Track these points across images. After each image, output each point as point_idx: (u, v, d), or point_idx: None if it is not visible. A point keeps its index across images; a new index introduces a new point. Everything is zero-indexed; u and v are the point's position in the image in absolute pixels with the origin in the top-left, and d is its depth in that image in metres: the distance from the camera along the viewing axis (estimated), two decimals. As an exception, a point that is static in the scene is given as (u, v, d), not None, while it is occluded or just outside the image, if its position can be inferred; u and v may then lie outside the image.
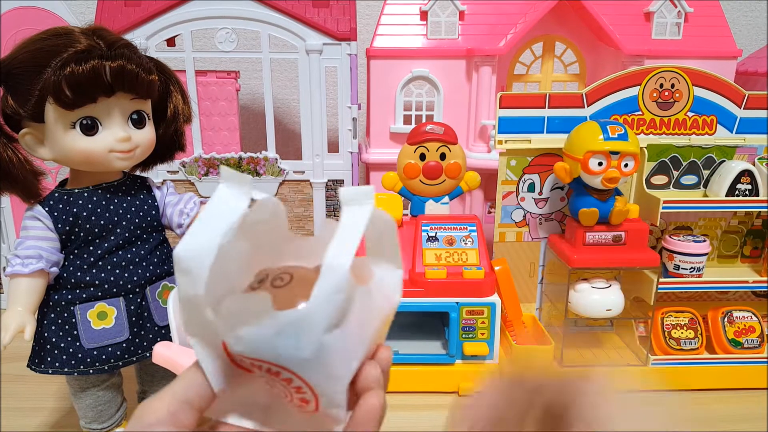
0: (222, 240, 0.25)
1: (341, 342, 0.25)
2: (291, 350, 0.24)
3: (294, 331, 0.24)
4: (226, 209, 0.25)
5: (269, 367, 0.25)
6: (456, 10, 0.96)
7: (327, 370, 0.25)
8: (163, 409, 0.27)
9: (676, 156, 0.80)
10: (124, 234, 0.58)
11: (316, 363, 0.25)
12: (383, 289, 0.29)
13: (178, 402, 0.27)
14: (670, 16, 0.98)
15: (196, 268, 0.24)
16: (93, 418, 0.61)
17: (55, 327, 0.57)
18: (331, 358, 0.25)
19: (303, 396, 0.26)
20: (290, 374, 0.25)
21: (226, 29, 0.91)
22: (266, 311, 0.23)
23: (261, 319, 0.24)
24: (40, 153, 0.56)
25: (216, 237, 0.25)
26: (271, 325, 0.24)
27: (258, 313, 0.24)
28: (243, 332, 0.24)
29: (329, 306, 0.24)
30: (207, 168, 0.95)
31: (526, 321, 0.81)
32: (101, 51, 0.52)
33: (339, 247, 0.25)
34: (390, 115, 1.00)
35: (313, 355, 0.24)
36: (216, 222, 0.25)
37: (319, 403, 0.26)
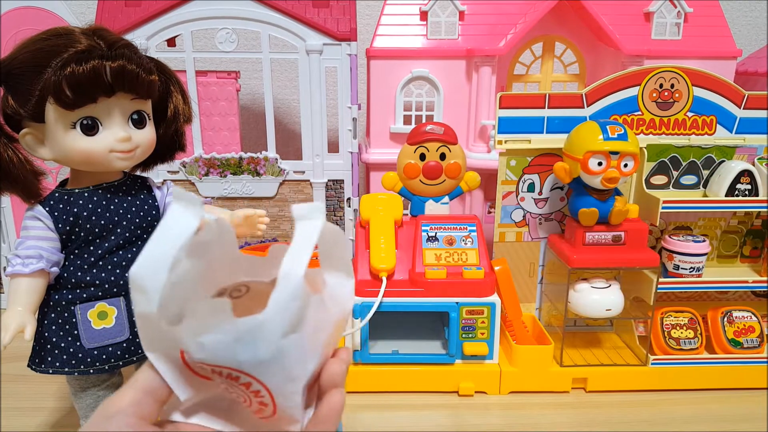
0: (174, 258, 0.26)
1: (298, 346, 0.26)
2: (250, 355, 0.25)
3: (252, 337, 0.25)
4: (177, 229, 0.27)
5: (229, 373, 0.26)
6: (456, 11, 0.97)
7: (284, 372, 0.26)
8: (124, 400, 0.28)
9: (676, 156, 0.80)
10: (124, 234, 0.58)
11: (274, 366, 0.26)
12: (336, 297, 0.30)
13: (140, 392, 0.28)
14: (669, 16, 0.98)
15: (151, 285, 0.26)
16: (93, 417, 0.61)
17: (55, 327, 0.57)
18: (288, 361, 0.26)
19: (261, 400, 0.27)
20: (249, 378, 0.26)
21: (226, 29, 0.91)
22: (226, 318, 0.25)
23: (221, 327, 0.25)
24: (40, 153, 0.56)
25: (169, 255, 0.26)
26: (231, 331, 0.25)
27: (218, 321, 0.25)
28: (204, 339, 0.25)
29: (286, 312, 0.25)
30: (207, 168, 0.95)
31: (526, 321, 0.81)
32: (102, 51, 0.52)
33: (293, 258, 0.26)
34: (390, 115, 1.00)
35: (271, 359, 0.26)
36: (168, 241, 0.26)
37: (276, 406, 0.27)
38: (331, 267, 0.31)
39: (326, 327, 0.29)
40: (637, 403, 0.74)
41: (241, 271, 0.31)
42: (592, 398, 0.75)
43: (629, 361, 0.78)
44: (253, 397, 0.27)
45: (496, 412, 0.73)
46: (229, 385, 0.28)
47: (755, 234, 0.84)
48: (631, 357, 0.79)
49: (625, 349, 0.82)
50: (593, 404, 0.74)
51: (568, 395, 0.76)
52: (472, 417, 0.71)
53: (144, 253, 0.26)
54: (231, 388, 0.28)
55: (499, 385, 0.76)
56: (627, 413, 0.72)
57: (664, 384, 0.77)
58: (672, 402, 0.75)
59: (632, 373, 0.76)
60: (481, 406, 0.74)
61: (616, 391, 0.76)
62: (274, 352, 0.25)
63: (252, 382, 0.26)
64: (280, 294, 0.25)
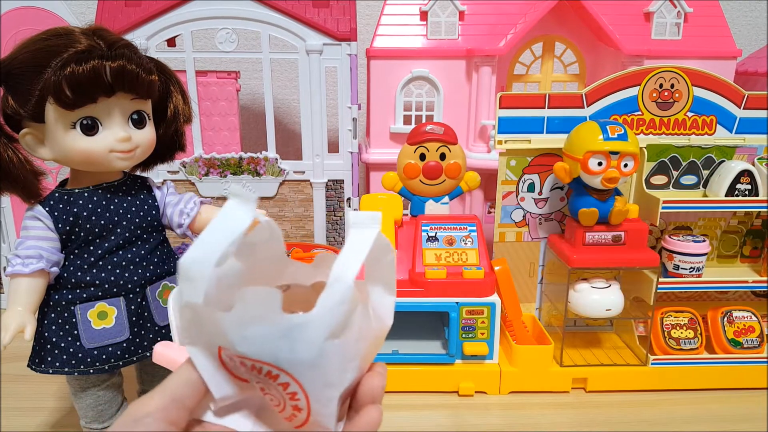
0: (225, 251, 0.26)
1: (340, 352, 0.26)
2: (293, 353, 0.25)
3: (298, 335, 0.25)
4: (230, 224, 0.26)
5: (269, 370, 0.26)
6: (456, 11, 0.97)
7: (323, 377, 0.26)
8: (152, 404, 0.27)
9: (676, 156, 0.80)
10: (124, 234, 0.58)
11: (314, 369, 0.25)
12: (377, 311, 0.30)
13: (169, 399, 0.27)
14: (669, 16, 0.98)
15: (199, 275, 0.25)
16: (93, 417, 0.61)
17: (55, 327, 0.57)
18: (329, 365, 0.26)
19: (296, 404, 0.27)
20: (288, 378, 0.26)
21: (226, 29, 0.91)
22: (274, 311, 0.24)
23: (268, 319, 0.24)
24: (40, 153, 0.56)
25: (219, 248, 0.26)
26: (277, 326, 0.24)
27: (266, 312, 0.24)
28: (249, 331, 0.25)
29: (333, 315, 0.25)
30: (207, 168, 0.95)
31: (526, 321, 0.81)
32: (101, 51, 0.52)
33: (345, 263, 0.26)
34: (390, 115, 1.00)
35: (313, 360, 0.25)
36: (220, 234, 0.26)
37: (311, 412, 0.27)
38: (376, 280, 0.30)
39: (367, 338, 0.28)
40: (637, 403, 0.74)
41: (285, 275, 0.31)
42: (592, 398, 0.75)
43: (629, 361, 0.78)
44: (289, 400, 0.27)
45: (496, 412, 0.73)
46: (266, 385, 0.27)
47: (755, 234, 0.84)
48: (631, 357, 0.79)
49: (625, 349, 0.82)
50: (593, 404, 0.74)
51: (568, 395, 0.76)
52: (472, 417, 0.71)
53: (195, 244, 0.26)
54: (268, 388, 0.27)
55: (499, 385, 0.76)
56: (627, 413, 0.72)
57: (664, 384, 0.77)
58: (672, 402, 0.75)
59: (632, 373, 0.76)
60: (481, 406, 0.74)
61: (616, 391, 0.76)
62: (316, 354, 0.25)
63: (290, 383, 0.26)
64: (329, 296, 0.25)
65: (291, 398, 0.27)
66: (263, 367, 0.26)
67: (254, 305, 0.24)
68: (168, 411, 0.27)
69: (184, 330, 0.27)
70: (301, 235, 1.01)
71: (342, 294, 0.25)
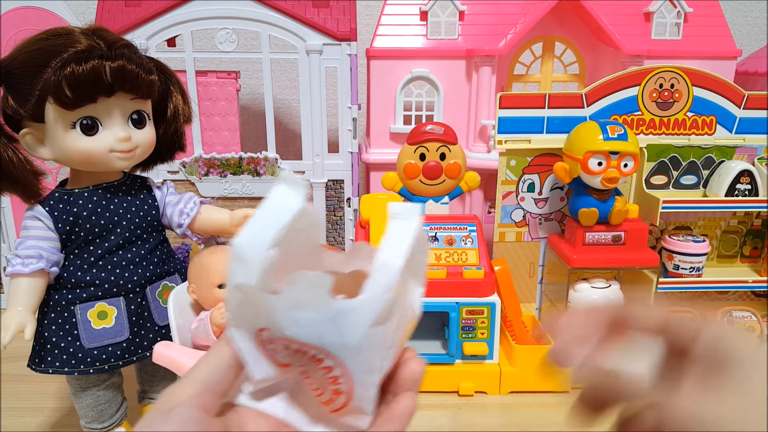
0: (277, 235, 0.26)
1: (382, 338, 0.26)
2: (339, 337, 0.25)
3: (345, 320, 0.25)
4: (282, 208, 0.27)
5: (315, 353, 0.26)
6: (456, 11, 0.97)
7: (367, 362, 0.26)
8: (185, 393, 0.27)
9: (676, 156, 0.80)
10: (124, 234, 0.58)
11: (359, 353, 0.26)
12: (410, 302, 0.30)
13: (201, 385, 0.27)
14: (669, 16, 0.98)
15: (253, 257, 0.26)
16: (93, 417, 0.61)
17: (55, 327, 0.57)
18: (373, 351, 0.26)
19: (338, 387, 0.27)
20: (333, 362, 0.26)
21: (226, 29, 0.91)
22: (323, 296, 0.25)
23: (318, 304, 0.25)
24: (40, 153, 0.56)
25: (273, 232, 0.26)
26: (327, 311, 0.25)
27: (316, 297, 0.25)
28: (299, 315, 0.25)
29: (379, 301, 0.25)
30: (207, 168, 0.95)
31: (526, 321, 0.81)
32: (101, 51, 0.52)
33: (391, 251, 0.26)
34: (390, 116, 1.00)
35: (358, 345, 0.26)
36: (273, 218, 0.27)
37: (351, 396, 0.27)
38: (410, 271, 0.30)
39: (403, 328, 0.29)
40: (637, 403, 0.74)
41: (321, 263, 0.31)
42: (592, 398, 0.75)
43: (629, 361, 0.78)
44: (330, 384, 0.27)
45: (496, 412, 0.73)
46: (309, 369, 0.27)
47: (755, 234, 0.84)
48: (631, 357, 0.79)
49: (625, 349, 0.82)
50: (593, 404, 0.74)
51: (568, 395, 0.76)
52: (472, 417, 0.71)
53: (248, 226, 0.27)
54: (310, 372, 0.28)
55: (499, 385, 0.76)
56: (627, 413, 0.72)
57: (664, 384, 0.77)
58: (672, 402, 0.74)
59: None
60: (481, 406, 0.74)
61: (616, 391, 0.76)
62: (362, 339, 0.26)
63: (334, 367, 0.26)
64: (376, 282, 0.25)
65: (333, 382, 0.27)
66: (309, 350, 0.26)
67: (305, 289, 0.25)
68: (201, 398, 0.27)
69: (232, 312, 0.28)
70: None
71: (389, 281, 0.26)
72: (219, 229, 0.64)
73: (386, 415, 0.29)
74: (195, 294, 0.59)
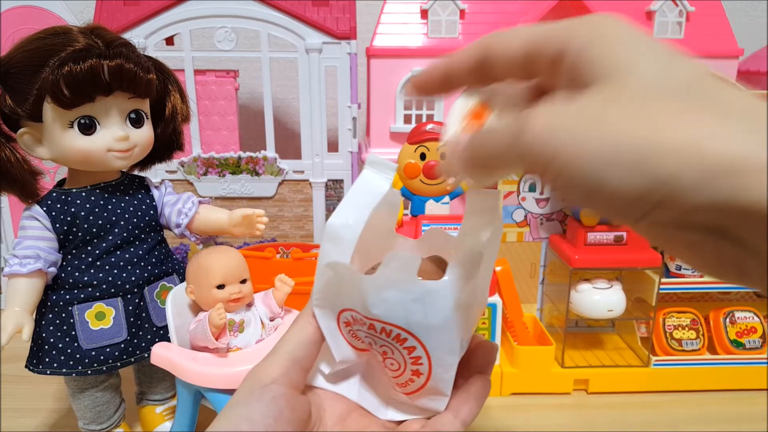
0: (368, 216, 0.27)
1: (463, 320, 0.27)
2: (424, 317, 0.26)
3: (431, 301, 0.26)
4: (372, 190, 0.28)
5: (399, 333, 0.27)
6: (456, 9, 0.96)
7: (448, 343, 0.27)
8: (276, 369, 0.27)
9: (678, 156, 0.79)
10: (122, 234, 0.58)
11: (441, 335, 0.27)
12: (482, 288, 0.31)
13: (290, 362, 0.28)
14: (671, 15, 0.97)
15: (347, 237, 0.27)
16: (91, 419, 0.61)
17: (53, 327, 0.57)
18: (454, 332, 0.27)
19: (418, 368, 0.28)
20: (416, 342, 0.27)
21: (225, 28, 0.90)
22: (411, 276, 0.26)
23: (405, 284, 0.26)
24: (38, 152, 0.56)
25: (365, 212, 0.27)
26: (414, 291, 0.26)
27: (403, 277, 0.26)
28: (388, 295, 0.26)
29: (463, 284, 0.26)
30: (206, 168, 0.95)
31: (527, 322, 0.81)
32: (99, 50, 0.52)
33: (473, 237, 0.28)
34: (390, 115, 0.99)
35: (441, 326, 0.26)
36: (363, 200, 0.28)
37: (431, 376, 0.28)
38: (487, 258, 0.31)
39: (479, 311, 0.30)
40: (639, 404, 0.74)
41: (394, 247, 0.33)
42: (594, 400, 0.75)
43: (631, 362, 0.78)
44: (411, 364, 0.28)
45: (497, 413, 0.72)
46: (391, 349, 0.28)
47: (757, 234, 0.84)
48: (633, 358, 0.79)
49: (626, 350, 0.81)
50: (595, 406, 0.74)
51: (569, 396, 0.75)
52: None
53: (341, 207, 0.27)
54: (391, 352, 0.28)
55: (500, 387, 0.75)
56: (629, 414, 0.72)
57: (666, 385, 0.76)
58: (674, 403, 0.74)
59: (634, 375, 0.76)
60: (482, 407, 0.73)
61: (617, 393, 0.76)
62: (444, 320, 0.26)
63: (417, 347, 0.27)
64: (460, 266, 0.26)
65: (414, 362, 0.28)
66: (393, 329, 0.27)
67: (396, 269, 0.25)
68: (290, 375, 0.27)
69: (319, 291, 0.28)
70: (300, 235, 1.00)
71: (472, 266, 0.26)
72: (218, 229, 0.64)
73: (462, 396, 0.29)
74: (193, 294, 0.58)
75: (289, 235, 1.01)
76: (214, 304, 0.56)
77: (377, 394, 0.31)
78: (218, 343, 0.56)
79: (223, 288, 0.57)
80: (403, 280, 0.26)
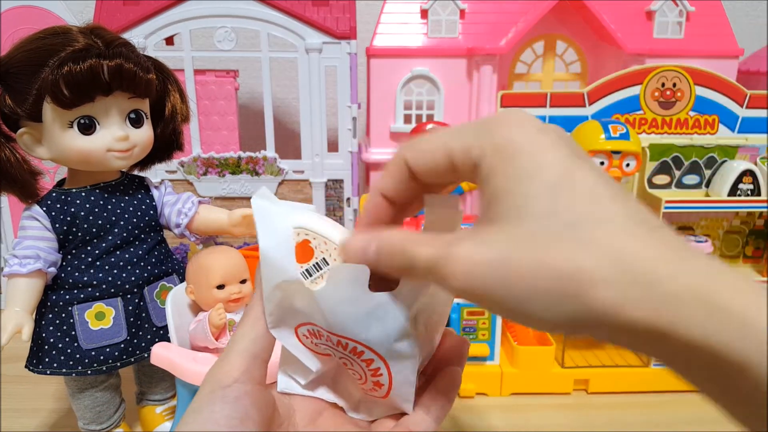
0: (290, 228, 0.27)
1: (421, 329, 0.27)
2: (378, 331, 0.25)
3: (384, 313, 0.25)
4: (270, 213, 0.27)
5: (355, 346, 0.26)
6: (456, 9, 0.96)
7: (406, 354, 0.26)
8: (236, 369, 0.26)
9: (678, 156, 0.79)
10: (122, 234, 0.58)
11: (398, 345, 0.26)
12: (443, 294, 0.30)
13: (249, 358, 0.27)
14: (671, 14, 0.97)
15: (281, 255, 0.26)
16: (91, 419, 0.61)
17: (53, 327, 0.57)
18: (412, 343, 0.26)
19: (378, 379, 0.27)
20: (373, 354, 0.26)
21: (225, 28, 0.90)
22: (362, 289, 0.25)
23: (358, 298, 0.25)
24: (37, 152, 0.56)
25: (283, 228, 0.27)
26: (365, 305, 0.25)
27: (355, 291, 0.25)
28: (339, 309, 0.25)
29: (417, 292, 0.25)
30: (206, 168, 0.95)
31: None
32: (99, 50, 0.52)
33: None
34: (390, 115, 0.99)
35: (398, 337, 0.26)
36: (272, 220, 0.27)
37: (391, 387, 0.28)
38: None
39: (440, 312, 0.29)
40: (639, 404, 0.74)
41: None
42: (594, 400, 0.75)
43: (631, 362, 0.78)
44: (371, 376, 0.28)
45: (497, 413, 0.72)
46: (350, 361, 0.28)
47: (758, 234, 0.84)
48: (633, 358, 0.79)
49: (626, 351, 0.81)
50: (595, 406, 0.74)
51: (569, 397, 0.75)
52: (473, 419, 0.71)
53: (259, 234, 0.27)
54: (351, 363, 0.28)
55: (500, 387, 0.75)
56: (629, 415, 0.72)
57: (667, 385, 0.76)
58: (675, 403, 0.74)
59: (634, 375, 0.76)
60: (482, 407, 0.73)
61: (618, 393, 0.76)
62: (401, 332, 0.26)
63: (374, 359, 0.27)
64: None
65: (373, 374, 0.27)
66: (349, 343, 0.26)
67: (344, 282, 0.25)
68: (251, 372, 0.27)
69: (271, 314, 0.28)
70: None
71: None
72: (217, 229, 0.64)
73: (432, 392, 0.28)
74: (193, 294, 0.58)
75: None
76: (214, 304, 0.56)
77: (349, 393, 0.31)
78: (218, 344, 0.56)
79: (223, 288, 0.57)
80: (353, 294, 0.25)
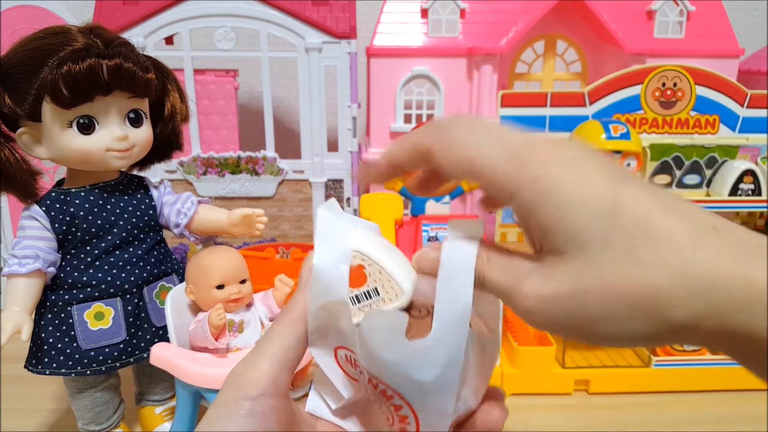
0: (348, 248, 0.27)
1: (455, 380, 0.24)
2: (409, 378, 0.24)
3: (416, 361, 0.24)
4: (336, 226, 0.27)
5: (384, 389, 0.25)
6: (457, 8, 0.96)
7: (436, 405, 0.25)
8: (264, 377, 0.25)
9: (679, 155, 0.79)
10: (121, 234, 0.58)
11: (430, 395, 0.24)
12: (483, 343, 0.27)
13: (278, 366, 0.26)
14: (672, 14, 0.97)
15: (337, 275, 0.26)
16: (91, 419, 0.61)
17: (52, 328, 0.57)
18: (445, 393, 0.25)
19: (406, 426, 0.26)
20: (401, 401, 0.25)
21: (224, 27, 0.90)
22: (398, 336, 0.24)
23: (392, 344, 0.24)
24: (37, 152, 0.56)
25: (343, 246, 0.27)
26: (399, 353, 0.24)
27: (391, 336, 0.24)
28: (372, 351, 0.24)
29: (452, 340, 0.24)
30: (205, 167, 0.95)
31: (528, 321, 0.81)
32: (98, 49, 0.51)
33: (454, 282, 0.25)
34: (390, 114, 0.99)
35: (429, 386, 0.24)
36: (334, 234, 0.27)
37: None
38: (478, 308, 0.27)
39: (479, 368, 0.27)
40: (640, 404, 0.74)
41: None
42: (595, 400, 0.75)
43: (632, 363, 0.78)
44: (398, 421, 0.26)
45: (498, 413, 0.72)
46: (379, 400, 0.26)
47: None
48: (634, 358, 0.79)
49: (627, 351, 0.81)
50: (596, 406, 0.73)
51: (570, 397, 0.75)
52: (473, 419, 0.71)
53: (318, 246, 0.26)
54: (380, 404, 0.27)
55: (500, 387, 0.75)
56: (630, 415, 0.72)
57: (667, 385, 0.76)
58: (675, 404, 0.74)
59: (635, 375, 0.76)
60: None
61: (618, 393, 0.76)
62: (433, 380, 0.24)
63: (403, 406, 0.25)
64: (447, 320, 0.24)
65: (401, 420, 0.26)
66: (379, 384, 0.25)
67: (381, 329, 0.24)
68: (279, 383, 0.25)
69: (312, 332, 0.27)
70: (300, 235, 1.00)
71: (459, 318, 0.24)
72: (217, 229, 0.63)
73: None
74: (193, 295, 0.58)
75: (288, 235, 1.00)
76: (214, 304, 0.56)
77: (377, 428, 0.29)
78: (218, 344, 0.55)
79: (223, 288, 0.57)
80: (388, 341, 0.24)
